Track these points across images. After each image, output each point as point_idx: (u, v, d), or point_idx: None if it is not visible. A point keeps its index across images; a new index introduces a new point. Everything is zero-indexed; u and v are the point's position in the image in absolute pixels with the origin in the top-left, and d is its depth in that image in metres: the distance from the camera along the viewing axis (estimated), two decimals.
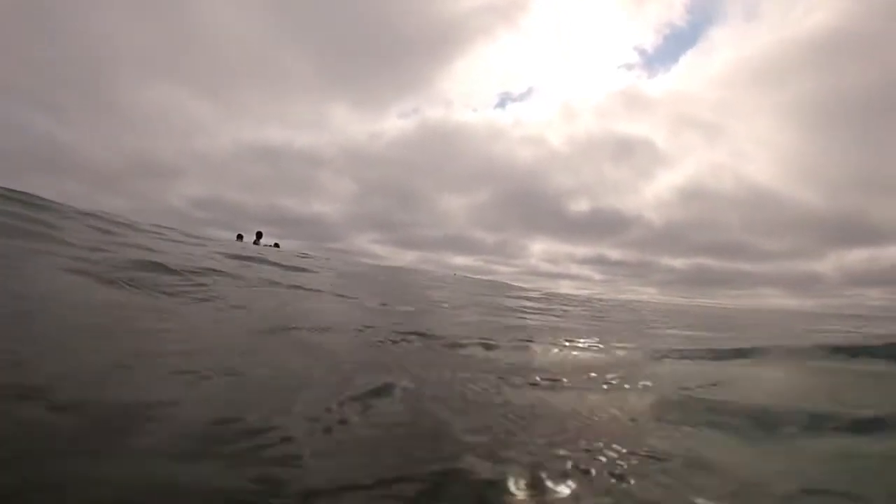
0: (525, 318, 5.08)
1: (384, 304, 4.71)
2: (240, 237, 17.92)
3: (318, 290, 5.02)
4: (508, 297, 8.67)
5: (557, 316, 5.95)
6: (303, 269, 7.16)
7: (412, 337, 2.71)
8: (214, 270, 4.59)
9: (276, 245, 18.10)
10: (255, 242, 17.58)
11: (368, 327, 3.01)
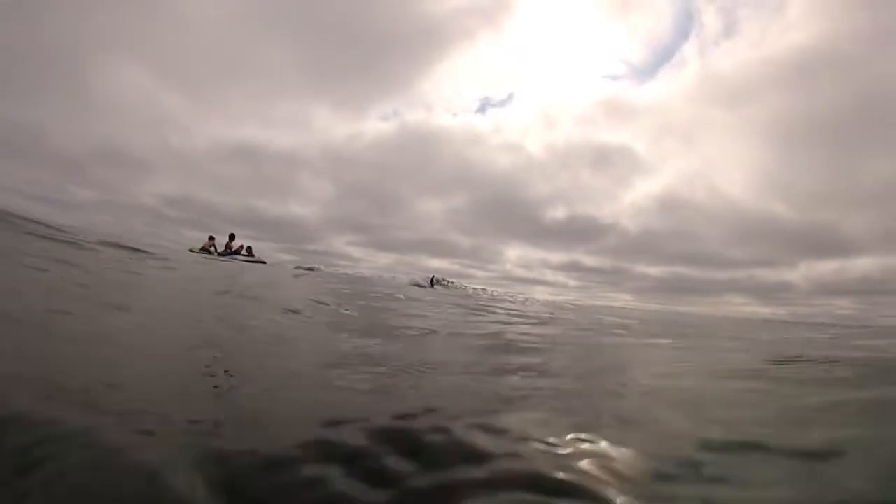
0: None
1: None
2: (211, 239, 17.80)
3: None
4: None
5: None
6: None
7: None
8: None
9: (249, 249, 18.09)
10: (226, 246, 17.54)
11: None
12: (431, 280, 27.59)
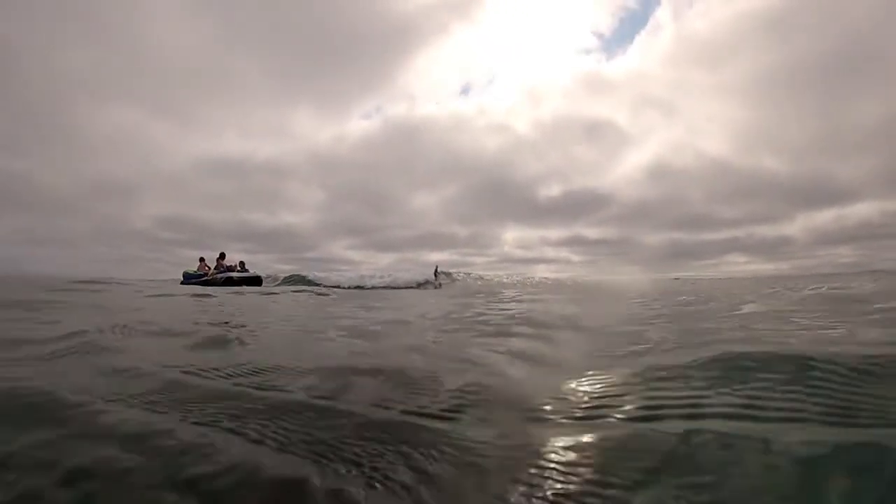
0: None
1: None
2: (202, 260, 17.59)
3: None
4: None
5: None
6: None
7: None
8: None
9: (242, 263, 17.92)
10: (218, 264, 17.35)
11: None
12: (435, 271, 27.55)
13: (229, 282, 15.61)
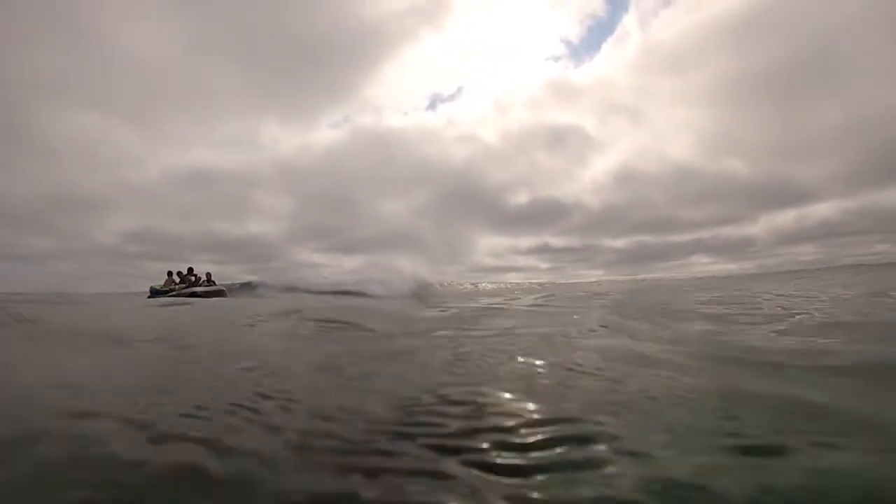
0: None
1: None
2: (170, 274, 16.72)
3: None
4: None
5: None
6: None
7: None
8: None
9: (209, 275, 17.02)
10: (184, 279, 16.43)
11: None
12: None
13: (194, 296, 14.99)
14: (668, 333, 3.53)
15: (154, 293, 16.07)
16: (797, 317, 4.31)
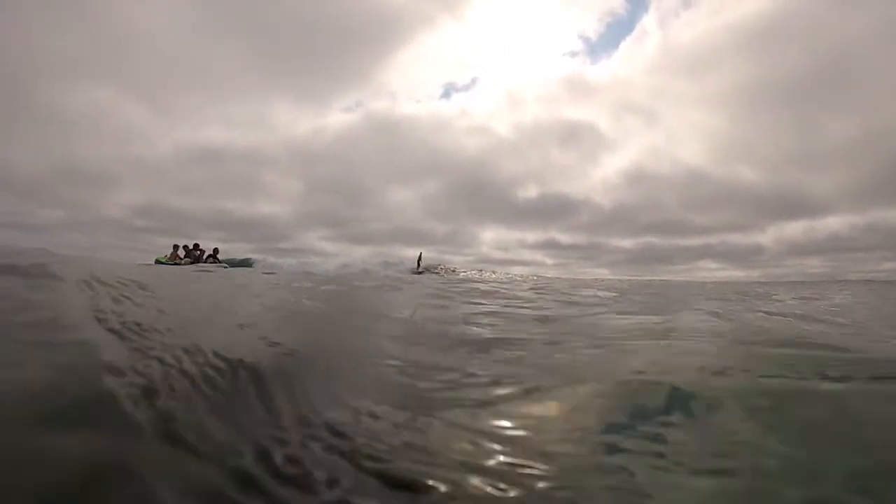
0: None
1: None
2: (176, 248, 16.65)
3: None
4: None
5: None
6: None
7: None
8: None
9: (216, 251, 16.93)
10: (189, 253, 16.34)
11: None
12: (418, 259, 24.23)
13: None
14: None
15: (158, 265, 15.97)
16: None
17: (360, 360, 1.74)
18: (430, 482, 0.81)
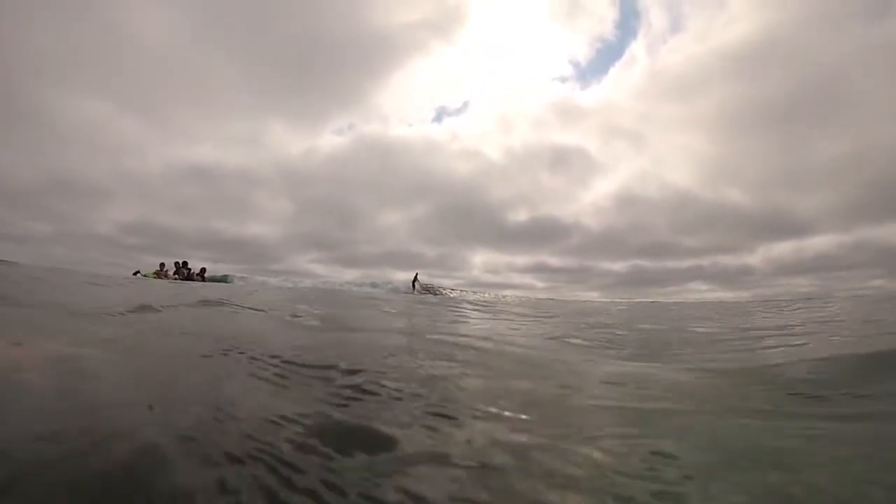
0: None
1: None
2: (162, 265, 16.47)
3: None
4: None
5: None
6: None
7: None
8: None
9: (203, 270, 16.73)
10: (177, 271, 16.14)
11: None
12: (414, 279, 22.98)
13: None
14: None
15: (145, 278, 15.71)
16: None
17: None
18: None
